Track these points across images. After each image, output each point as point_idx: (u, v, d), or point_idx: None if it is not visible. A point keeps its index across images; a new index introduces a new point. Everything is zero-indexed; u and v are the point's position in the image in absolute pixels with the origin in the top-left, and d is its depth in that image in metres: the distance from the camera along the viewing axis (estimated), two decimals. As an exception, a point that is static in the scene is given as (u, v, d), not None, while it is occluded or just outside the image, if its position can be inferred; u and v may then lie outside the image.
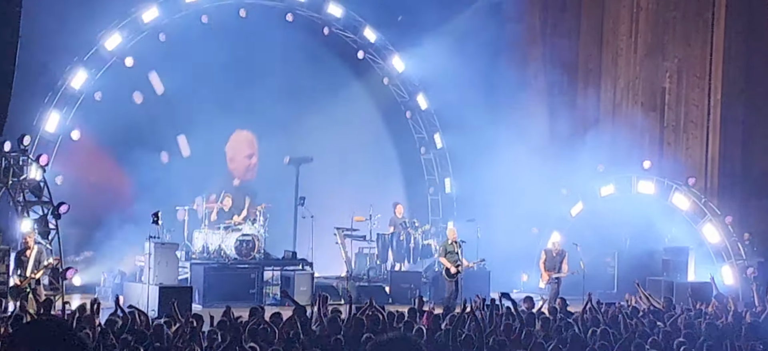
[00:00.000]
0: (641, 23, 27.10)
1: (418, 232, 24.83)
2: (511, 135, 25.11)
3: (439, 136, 27.62)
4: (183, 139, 24.66)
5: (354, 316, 13.91)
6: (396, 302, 21.23)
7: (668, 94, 26.77)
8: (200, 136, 24.69)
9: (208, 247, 22.64)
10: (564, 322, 14.03)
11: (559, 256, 21.37)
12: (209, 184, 24.10)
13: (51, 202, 19.05)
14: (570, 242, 22.53)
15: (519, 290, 24.33)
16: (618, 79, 27.56)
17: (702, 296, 19.87)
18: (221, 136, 25.81)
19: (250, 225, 22.85)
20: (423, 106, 27.44)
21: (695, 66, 26.08)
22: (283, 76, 25.81)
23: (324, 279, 23.84)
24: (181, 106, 24.14)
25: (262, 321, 13.15)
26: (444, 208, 27.82)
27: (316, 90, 26.36)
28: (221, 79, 24.74)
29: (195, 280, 21.33)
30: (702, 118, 26.06)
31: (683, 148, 26.33)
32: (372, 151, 27.79)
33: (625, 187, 24.91)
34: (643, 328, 13.61)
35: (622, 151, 24.85)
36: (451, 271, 20.63)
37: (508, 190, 25.74)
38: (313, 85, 26.32)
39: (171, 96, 23.85)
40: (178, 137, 24.65)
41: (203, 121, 24.47)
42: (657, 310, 16.11)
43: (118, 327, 12.66)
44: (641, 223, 24.20)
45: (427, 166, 28.20)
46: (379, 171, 28.02)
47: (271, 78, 25.31)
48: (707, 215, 23.70)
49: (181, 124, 24.57)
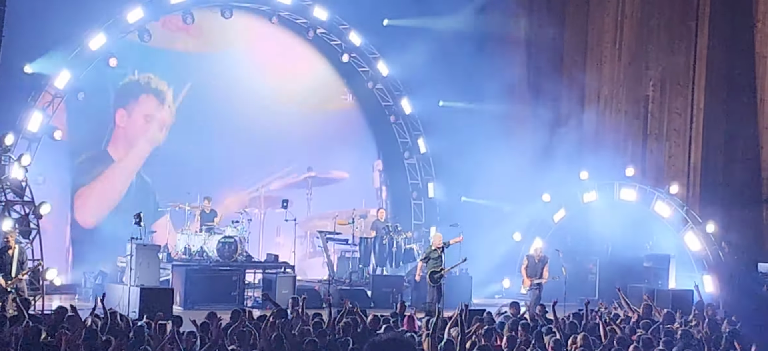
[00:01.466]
0: (625, 31, 27.19)
1: (401, 237, 24.84)
2: (494, 141, 25.15)
3: (423, 141, 27.67)
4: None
5: (334, 319, 13.90)
6: (378, 306, 21.22)
7: (651, 102, 26.86)
8: (182, 137, 24.66)
9: (190, 249, 22.59)
10: (545, 328, 14.06)
11: (541, 262, 21.38)
12: (193, 186, 24.05)
13: (32, 202, 18.97)
14: (552, 248, 22.58)
15: (501, 296, 24.38)
16: (602, 87, 27.64)
17: (683, 304, 19.92)
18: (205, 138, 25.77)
19: (232, 227, 22.81)
20: (407, 110, 27.48)
21: (678, 74, 26.18)
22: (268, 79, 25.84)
23: (306, 282, 23.82)
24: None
25: (243, 324, 13.12)
26: (427, 213, 27.86)
27: (300, 93, 26.37)
28: (205, 81, 24.73)
29: (176, 282, 21.26)
30: (685, 127, 26.15)
31: (666, 155, 26.41)
32: (356, 155, 27.82)
33: (608, 195, 24.97)
34: (622, 335, 13.64)
35: (606, 159, 24.92)
36: (418, 277, 20.87)
37: (491, 196, 25.81)
38: (297, 88, 26.33)
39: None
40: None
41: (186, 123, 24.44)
42: (637, 318, 16.15)
43: (99, 327, 12.60)
44: (623, 230, 24.26)
45: (411, 171, 28.23)
46: (363, 175, 28.06)
47: (255, 81, 25.31)
48: (689, 223, 23.79)
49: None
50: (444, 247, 20.89)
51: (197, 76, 25.13)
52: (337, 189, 27.49)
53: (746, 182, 25.55)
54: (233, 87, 25.44)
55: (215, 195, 24.25)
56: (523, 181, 25.13)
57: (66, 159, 23.36)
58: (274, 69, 26.48)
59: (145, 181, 24.80)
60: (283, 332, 12.53)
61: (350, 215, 25.11)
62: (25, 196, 19.09)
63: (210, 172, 25.06)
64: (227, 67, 25.47)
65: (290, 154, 26.77)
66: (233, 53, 25.76)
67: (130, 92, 24.59)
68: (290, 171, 27.04)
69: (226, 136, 25.45)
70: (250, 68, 25.92)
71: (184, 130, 24.90)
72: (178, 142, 24.74)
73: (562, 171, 24.73)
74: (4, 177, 19.00)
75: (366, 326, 13.80)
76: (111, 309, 13.87)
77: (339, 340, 12.52)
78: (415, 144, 27.84)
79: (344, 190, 27.32)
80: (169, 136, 24.99)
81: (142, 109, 24.80)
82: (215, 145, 25.20)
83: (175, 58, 24.95)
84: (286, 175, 26.98)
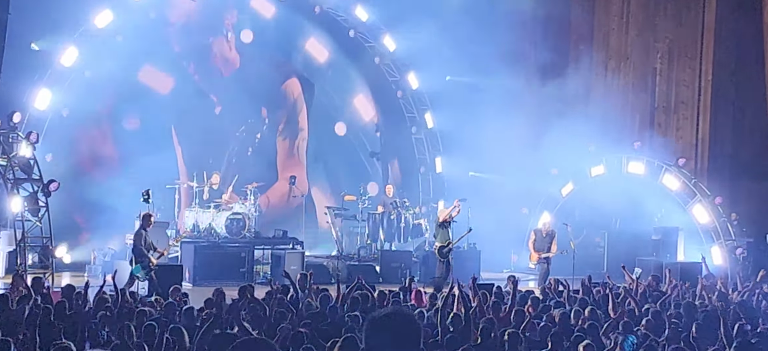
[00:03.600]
0: (632, 3, 27.07)
1: (409, 212, 24.84)
2: (501, 115, 25.10)
3: (430, 116, 27.61)
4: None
5: (343, 295, 13.92)
6: (386, 282, 21.25)
7: (659, 75, 26.79)
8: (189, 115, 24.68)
9: (199, 226, 22.62)
10: (554, 302, 14.07)
11: (548, 236, 21.38)
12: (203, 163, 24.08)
13: (41, 180, 19.01)
14: (560, 222, 22.56)
15: (509, 270, 24.38)
16: (609, 60, 27.56)
17: (691, 276, 19.90)
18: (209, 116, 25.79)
19: (240, 204, 22.84)
20: (414, 85, 27.41)
21: (686, 47, 26.09)
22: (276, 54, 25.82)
23: (314, 258, 23.85)
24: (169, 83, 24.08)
25: (251, 299, 13.15)
26: (434, 188, 27.84)
27: (308, 68, 26.34)
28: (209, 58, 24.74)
29: (185, 259, 21.31)
30: (693, 99, 26.10)
31: (674, 128, 26.37)
32: (363, 130, 27.81)
33: (616, 168, 24.94)
34: (632, 307, 13.65)
35: (613, 132, 24.87)
36: (443, 250, 20.68)
37: (499, 170, 25.78)
38: (305, 64, 26.31)
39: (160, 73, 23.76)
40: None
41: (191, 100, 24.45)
42: (646, 290, 16.16)
43: (108, 305, 12.63)
44: (631, 203, 24.24)
45: (418, 146, 28.20)
46: (370, 150, 28.07)
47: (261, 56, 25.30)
48: (697, 196, 23.76)
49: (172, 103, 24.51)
50: (450, 221, 20.89)
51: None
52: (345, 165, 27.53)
53: (754, 154, 25.51)
54: (238, 61, 25.42)
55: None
56: (530, 155, 25.06)
57: (74, 136, 23.36)
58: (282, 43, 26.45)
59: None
60: (290, 307, 12.56)
61: (358, 191, 25.11)
62: (33, 173, 19.14)
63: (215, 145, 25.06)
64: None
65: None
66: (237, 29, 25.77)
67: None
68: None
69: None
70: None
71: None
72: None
73: (569, 145, 24.66)
74: (13, 155, 19.04)
75: (374, 301, 13.81)
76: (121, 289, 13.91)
77: (347, 315, 12.54)
78: (423, 119, 27.79)
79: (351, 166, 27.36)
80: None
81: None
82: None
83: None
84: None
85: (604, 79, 27.47)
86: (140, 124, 24.25)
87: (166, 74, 25.17)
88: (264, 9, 25.82)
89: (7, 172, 19.06)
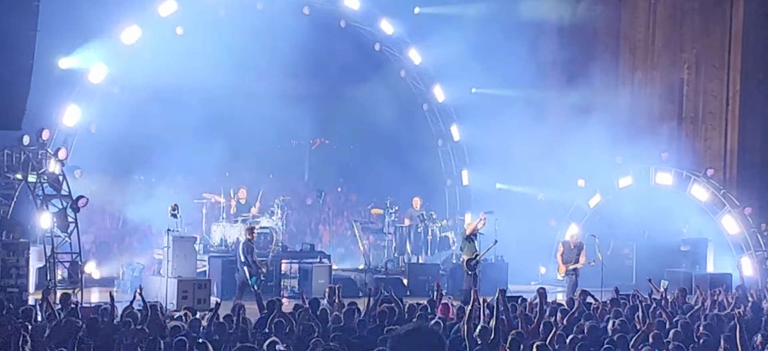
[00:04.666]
0: (659, 14, 26.97)
1: (436, 225, 24.80)
2: (528, 127, 25.06)
3: (456, 128, 27.59)
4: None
5: (371, 308, 13.90)
6: (414, 295, 21.23)
7: (686, 85, 26.66)
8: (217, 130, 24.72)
9: (226, 240, 22.69)
10: (583, 314, 14.01)
11: (576, 248, 21.32)
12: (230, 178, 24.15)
13: (70, 196, 19.13)
14: (588, 234, 22.46)
15: (537, 282, 24.30)
16: (635, 71, 27.45)
17: (723, 288, 19.76)
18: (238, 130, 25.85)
19: (267, 217, 22.89)
20: (439, 98, 27.41)
21: (713, 56, 25.96)
22: (300, 69, 25.86)
23: (342, 272, 23.86)
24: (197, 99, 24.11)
25: (279, 313, 13.16)
26: (461, 200, 27.80)
27: (334, 83, 26.36)
28: (238, 72, 24.76)
29: (213, 273, 21.37)
30: (720, 109, 25.95)
31: (702, 139, 26.22)
32: (389, 143, 27.80)
33: (643, 179, 24.82)
34: (662, 319, 13.55)
35: (640, 143, 24.75)
36: (470, 263, 20.60)
37: (526, 182, 25.72)
38: (330, 78, 26.33)
39: (187, 88, 23.79)
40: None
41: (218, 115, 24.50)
42: (674, 301, 16.05)
43: (139, 319, 12.68)
44: (659, 214, 24.10)
45: (444, 158, 28.17)
46: (396, 163, 28.04)
47: (287, 71, 25.36)
48: (726, 206, 23.60)
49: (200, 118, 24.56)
50: (477, 234, 20.85)
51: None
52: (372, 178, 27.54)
53: (784, 164, 25.32)
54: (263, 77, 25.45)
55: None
56: (557, 167, 25.00)
57: (102, 152, 23.48)
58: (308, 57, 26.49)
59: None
60: (317, 321, 12.56)
61: (385, 204, 25.10)
62: (62, 190, 19.26)
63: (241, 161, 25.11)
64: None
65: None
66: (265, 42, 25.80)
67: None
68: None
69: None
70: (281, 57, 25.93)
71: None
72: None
73: (596, 156, 24.58)
74: (42, 171, 19.19)
75: (402, 314, 13.79)
76: (152, 302, 13.97)
77: (374, 327, 12.53)
78: (448, 131, 27.78)
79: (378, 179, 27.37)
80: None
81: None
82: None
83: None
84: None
85: (631, 89, 27.36)
86: (168, 139, 24.29)
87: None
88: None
89: (36, 189, 19.20)
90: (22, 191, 20.16)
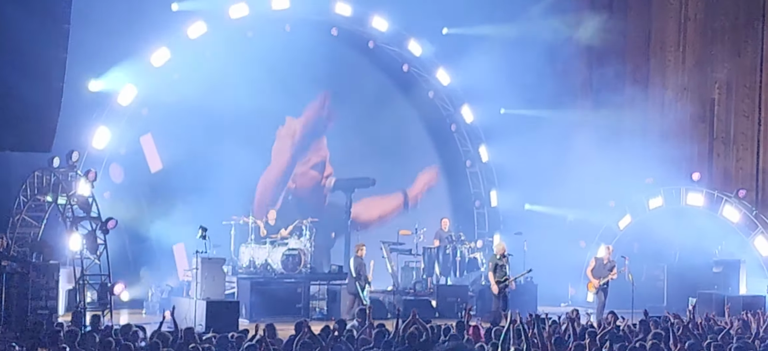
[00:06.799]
0: (690, 33, 26.81)
1: (465, 246, 24.69)
2: (557, 148, 24.94)
3: (485, 149, 27.50)
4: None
5: (400, 329, 13.82)
6: (442, 316, 21.13)
7: (717, 105, 26.46)
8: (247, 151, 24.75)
9: (255, 262, 22.68)
10: (614, 335, 13.87)
11: (608, 265, 21.25)
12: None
13: (99, 218, 19.19)
14: (618, 255, 22.30)
15: (566, 304, 24.14)
16: (666, 91, 27.27)
17: (754, 310, 19.52)
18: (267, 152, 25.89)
19: (296, 239, 22.88)
20: (468, 119, 27.34)
21: (745, 76, 25.76)
22: (329, 91, 25.91)
23: (370, 293, 23.75)
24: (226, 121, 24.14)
25: (307, 335, 13.10)
26: (490, 222, 27.67)
27: (362, 103, 26.35)
28: (266, 95, 24.79)
29: (242, 295, 21.36)
30: (752, 130, 25.74)
31: (733, 159, 26.00)
32: (418, 164, 27.75)
33: (674, 200, 24.63)
34: (692, 342, 13.37)
35: (671, 163, 24.57)
36: (496, 289, 20.52)
37: (555, 203, 25.58)
38: (359, 99, 26.33)
39: (216, 110, 23.81)
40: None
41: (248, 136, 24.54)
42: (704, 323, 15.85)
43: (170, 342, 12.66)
44: (691, 235, 23.90)
45: (473, 179, 28.07)
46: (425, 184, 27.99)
47: (315, 93, 25.40)
48: (759, 227, 23.36)
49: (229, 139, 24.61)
50: (507, 256, 20.74)
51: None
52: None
53: (816, 185, 25.04)
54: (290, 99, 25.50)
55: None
56: (587, 188, 24.85)
57: (131, 174, 23.57)
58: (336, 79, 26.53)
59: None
60: (346, 343, 12.49)
61: (414, 225, 25.02)
62: (91, 212, 19.33)
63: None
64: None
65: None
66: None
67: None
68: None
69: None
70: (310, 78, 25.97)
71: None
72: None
73: (626, 177, 24.43)
74: (72, 193, 19.27)
75: (431, 336, 13.70)
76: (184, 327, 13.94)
77: (404, 349, 12.45)
78: (477, 152, 27.69)
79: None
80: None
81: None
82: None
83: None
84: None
85: (662, 110, 27.18)
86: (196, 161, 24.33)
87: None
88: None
89: (66, 211, 19.30)
90: (52, 213, 20.27)
